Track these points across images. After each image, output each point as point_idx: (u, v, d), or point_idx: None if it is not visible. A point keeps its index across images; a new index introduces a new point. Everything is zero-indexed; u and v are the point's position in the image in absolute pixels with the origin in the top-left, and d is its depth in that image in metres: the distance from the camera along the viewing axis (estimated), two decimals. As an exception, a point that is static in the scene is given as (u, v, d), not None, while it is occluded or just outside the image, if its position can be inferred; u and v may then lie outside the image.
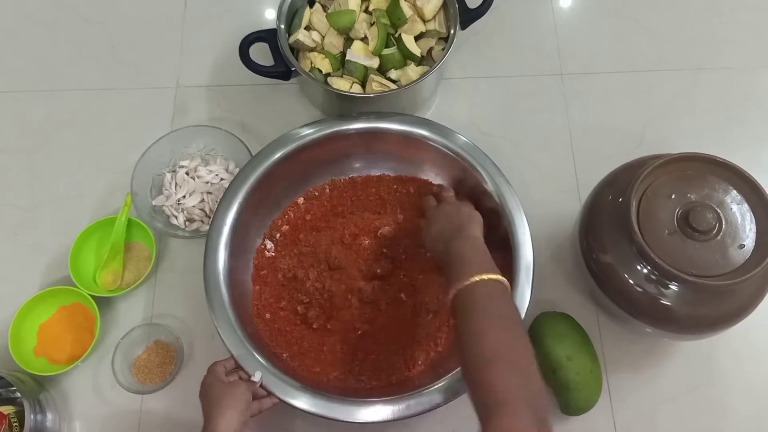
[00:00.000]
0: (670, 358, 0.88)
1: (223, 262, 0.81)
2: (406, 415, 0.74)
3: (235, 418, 0.69)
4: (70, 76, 1.08)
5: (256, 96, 1.04)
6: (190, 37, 1.10)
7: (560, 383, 0.81)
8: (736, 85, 1.05)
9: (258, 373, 0.75)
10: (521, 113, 1.03)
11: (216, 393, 0.71)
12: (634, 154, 0.83)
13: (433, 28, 0.96)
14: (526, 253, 0.81)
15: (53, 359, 0.87)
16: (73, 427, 0.86)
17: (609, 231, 0.77)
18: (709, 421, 0.85)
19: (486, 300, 0.65)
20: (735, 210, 0.73)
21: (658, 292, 0.74)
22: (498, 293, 0.66)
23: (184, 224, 0.93)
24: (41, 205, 0.98)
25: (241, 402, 0.71)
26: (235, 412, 0.70)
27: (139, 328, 0.87)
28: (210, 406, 0.70)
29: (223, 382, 0.73)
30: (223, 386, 0.72)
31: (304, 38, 0.94)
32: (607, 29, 1.10)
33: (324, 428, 0.82)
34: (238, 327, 0.78)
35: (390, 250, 0.90)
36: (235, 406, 0.70)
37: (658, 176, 0.75)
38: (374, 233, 0.90)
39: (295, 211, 0.93)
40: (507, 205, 0.84)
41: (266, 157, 0.87)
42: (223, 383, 0.73)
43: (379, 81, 0.93)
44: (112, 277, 0.91)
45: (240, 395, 0.71)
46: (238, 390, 0.72)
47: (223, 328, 0.78)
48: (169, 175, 0.95)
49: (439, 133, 0.89)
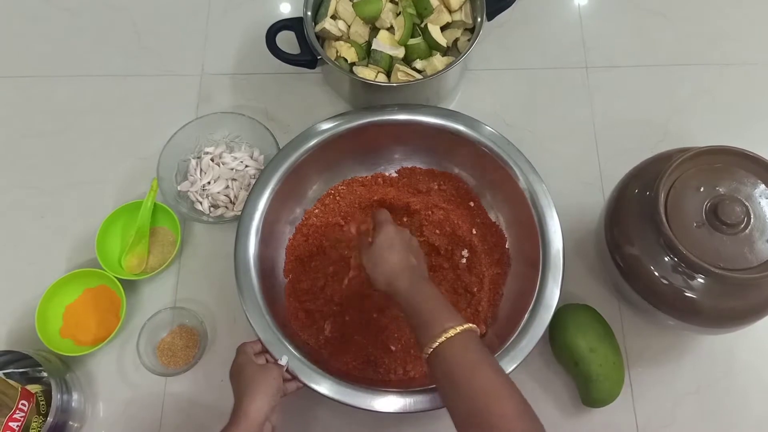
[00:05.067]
0: (692, 352, 0.88)
1: (253, 248, 0.82)
2: (418, 409, 0.74)
3: (266, 402, 0.69)
4: (94, 61, 1.08)
5: (279, 84, 1.05)
6: (215, 25, 1.10)
7: (582, 375, 0.82)
8: (760, 80, 1.05)
9: (285, 357, 0.75)
10: (545, 105, 1.03)
11: (248, 375, 0.71)
12: (658, 148, 0.83)
13: (459, 18, 0.96)
14: (557, 253, 0.81)
15: (79, 340, 0.88)
16: (97, 407, 0.87)
17: (635, 223, 0.77)
18: (729, 416, 0.85)
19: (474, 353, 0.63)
20: (763, 204, 0.73)
21: (683, 285, 0.74)
22: (477, 343, 0.64)
23: (208, 210, 0.93)
24: (66, 188, 0.99)
25: (272, 387, 0.71)
26: (266, 396, 0.70)
27: (164, 312, 0.88)
28: (242, 388, 0.71)
29: (255, 364, 0.73)
30: (256, 368, 0.72)
31: (330, 27, 0.94)
32: (632, 22, 1.09)
33: (343, 416, 0.84)
34: (267, 312, 0.78)
35: None
36: (266, 391, 0.70)
37: (686, 169, 0.75)
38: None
39: (324, 204, 0.93)
40: (539, 203, 0.83)
41: (296, 148, 0.87)
42: (256, 365, 0.73)
43: (405, 71, 0.93)
44: (137, 261, 0.92)
45: (273, 380, 0.71)
46: (270, 375, 0.72)
47: (252, 311, 0.78)
48: (194, 161, 0.95)
49: (470, 126, 0.88)
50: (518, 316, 0.79)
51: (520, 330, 0.77)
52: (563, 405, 0.85)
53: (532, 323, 0.77)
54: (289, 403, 0.81)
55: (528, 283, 0.81)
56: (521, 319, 0.78)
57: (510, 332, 0.78)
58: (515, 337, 0.77)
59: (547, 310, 0.78)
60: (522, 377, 0.86)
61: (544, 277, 0.80)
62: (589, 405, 0.83)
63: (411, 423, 0.84)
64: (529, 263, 0.83)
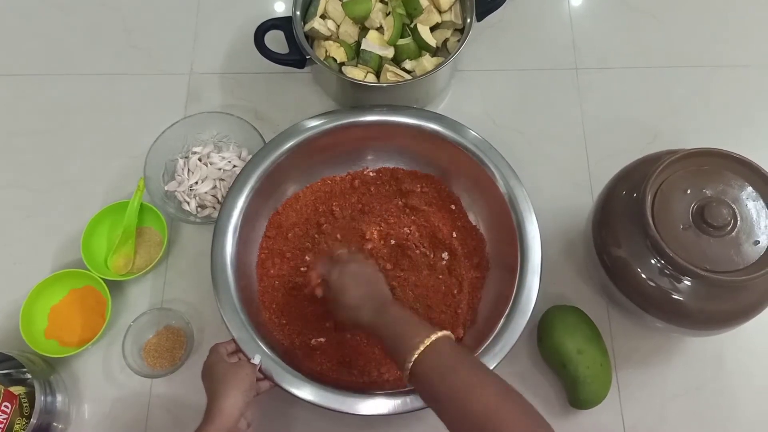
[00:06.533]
0: (680, 354, 0.88)
1: (230, 247, 0.81)
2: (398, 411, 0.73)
3: (240, 398, 0.69)
4: (83, 60, 1.08)
5: (269, 84, 1.04)
6: (205, 24, 1.10)
7: (570, 376, 0.81)
8: (752, 83, 1.05)
9: (258, 356, 0.75)
10: (535, 106, 1.03)
11: (220, 373, 0.71)
12: (648, 150, 0.83)
13: (448, 19, 0.96)
14: (535, 258, 0.81)
15: (64, 341, 0.87)
16: (82, 409, 0.86)
17: (623, 225, 0.77)
18: (717, 418, 0.85)
19: (451, 358, 0.64)
20: (750, 206, 0.72)
21: (670, 287, 0.74)
22: (451, 347, 0.65)
23: (196, 210, 0.93)
24: (53, 187, 0.99)
25: (245, 383, 0.71)
26: (240, 392, 0.69)
27: (150, 313, 0.87)
28: (214, 386, 0.70)
29: (227, 363, 0.73)
30: (228, 366, 0.72)
31: (319, 27, 0.94)
32: (623, 24, 1.09)
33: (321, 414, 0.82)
34: (241, 311, 0.78)
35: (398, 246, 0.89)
36: (239, 386, 0.70)
37: (673, 171, 0.74)
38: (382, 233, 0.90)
39: (305, 201, 0.93)
40: (518, 207, 0.83)
41: (278, 146, 0.87)
42: (227, 363, 0.73)
43: (394, 71, 0.93)
44: (124, 262, 0.91)
45: (245, 376, 0.71)
46: (243, 371, 0.72)
47: (227, 310, 0.78)
48: (182, 161, 0.95)
49: (453, 129, 0.88)
50: (496, 320, 0.79)
51: (495, 335, 0.77)
52: (551, 406, 0.85)
53: (507, 328, 0.77)
54: (268, 403, 0.81)
55: (506, 287, 0.81)
56: (498, 322, 0.78)
57: (487, 335, 0.77)
58: (489, 342, 0.77)
59: (522, 316, 0.77)
60: (509, 378, 0.83)
61: (521, 281, 0.79)
62: (577, 406, 0.82)
63: (393, 424, 0.83)
64: (508, 267, 0.82)
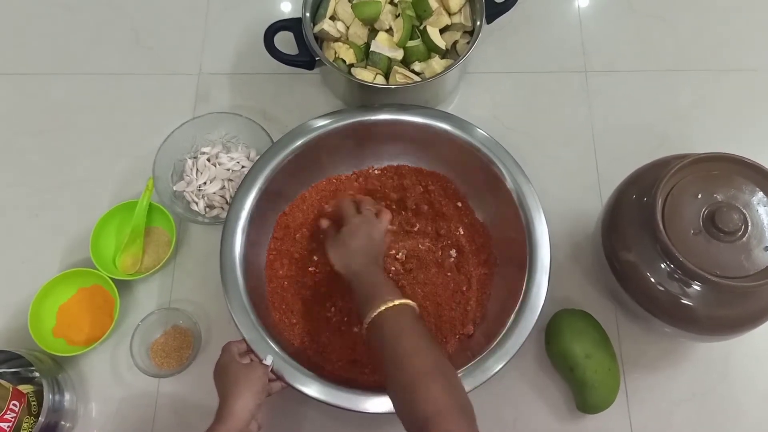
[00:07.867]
0: (688, 359, 0.87)
1: (239, 247, 0.81)
2: None
3: (252, 400, 0.69)
4: (91, 59, 1.08)
5: (277, 85, 1.04)
6: (213, 25, 1.10)
7: (578, 381, 0.81)
8: (760, 87, 1.04)
9: (269, 356, 0.75)
10: (544, 109, 1.03)
11: (233, 374, 0.71)
12: (657, 154, 0.83)
13: (458, 21, 0.96)
14: (544, 255, 0.81)
15: (71, 340, 0.87)
16: (89, 407, 0.86)
17: (633, 229, 0.77)
18: (725, 424, 0.85)
19: (407, 322, 0.68)
20: (761, 212, 0.72)
21: (680, 292, 0.73)
22: (413, 315, 0.69)
23: (204, 210, 0.93)
24: (61, 187, 0.99)
25: (257, 385, 0.71)
26: (252, 394, 0.69)
27: (158, 313, 0.87)
28: (227, 387, 0.70)
29: (239, 363, 0.73)
30: (240, 367, 0.72)
31: (329, 28, 0.94)
32: (632, 27, 1.09)
33: (331, 416, 0.83)
34: (252, 311, 0.78)
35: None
36: (251, 388, 0.70)
37: (684, 175, 0.74)
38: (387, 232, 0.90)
39: (311, 201, 0.93)
40: (527, 204, 0.83)
41: (286, 146, 0.87)
42: (240, 364, 0.72)
43: (403, 73, 0.93)
44: (132, 261, 0.91)
45: (258, 378, 0.71)
46: (255, 373, 0.72)
47: (237, 311, 0.78)
48: (190, 161, 0.95)
49: (460, 128, 0.88)
50: (506, 316, 0.79)
51: (506, 331, 0.77)
52: (558, 411, 0.85)
53: (518, 324, 0.77)
54: (278, 403, 0.81)
55: (515, 283, 0.81)
56: (508, 319, 0.78)
57: (497, 332, 0.78)
58: (501, 337, 0.77)
59: (532, 312, 0.78)
60: (517, 382, 0.86)
61: (530, 277, 0.79)
62: (585, 411, 0.82)
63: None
64: (517, 264, 0.82)
